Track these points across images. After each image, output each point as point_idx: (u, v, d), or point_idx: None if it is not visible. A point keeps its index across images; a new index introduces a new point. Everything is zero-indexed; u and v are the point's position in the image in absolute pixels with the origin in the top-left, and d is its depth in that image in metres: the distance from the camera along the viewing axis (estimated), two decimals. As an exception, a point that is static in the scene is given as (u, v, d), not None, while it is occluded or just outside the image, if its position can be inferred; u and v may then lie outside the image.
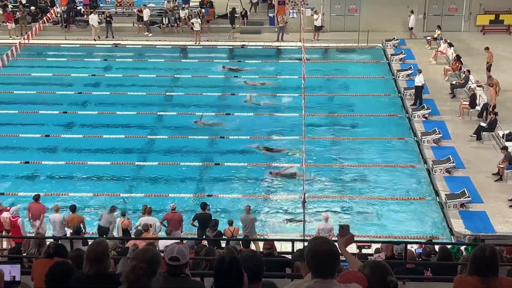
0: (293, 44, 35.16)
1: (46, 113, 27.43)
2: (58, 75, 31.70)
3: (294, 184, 22.18)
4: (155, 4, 39.56)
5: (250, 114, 27.55)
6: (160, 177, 22.92)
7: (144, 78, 31.40)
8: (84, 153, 24.34)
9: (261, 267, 5.27)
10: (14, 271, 7.51)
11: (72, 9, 38.28)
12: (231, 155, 24.37)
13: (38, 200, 18.53)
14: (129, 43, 36.08)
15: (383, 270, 5.14)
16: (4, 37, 36.17)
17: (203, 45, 35.80)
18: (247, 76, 31.53)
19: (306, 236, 17.50)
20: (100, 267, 5.47)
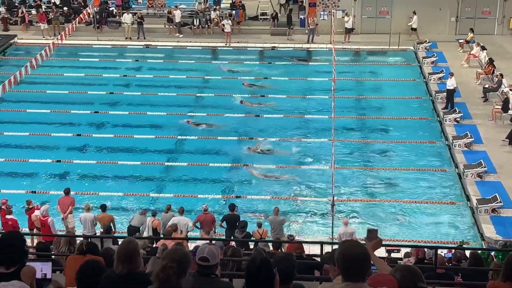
0: (324, 46, 35.04)
1: (78, 113, 27.75)
2: (90, 75, 32.04)
3: (323, 186, 22.09)
4: (186, 6, 39.74)
5: (279, 116, 27.51)
6: (189, 177, 23.02)
7: (175, 79, 31.58)
8: (114, 153, 24.56)
9: (293, 269, 5.27)
10: (45, 269, 7.55)
11: (105, 10, 38.66)
12: (260, 156, 24.36)
13: (68, 194, 18.78)
14: (160, 44, 36.30)
15: (415, 275, 5.09)
16: (38, 37, 36.67)
17: (233, 46, 35.88)
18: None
19: (334, 239, 17.45)
20: (130, 266, 5.50)
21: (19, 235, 6.46)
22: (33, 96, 29.41)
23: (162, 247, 12.96)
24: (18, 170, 23.32)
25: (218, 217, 18.91)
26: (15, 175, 23.06)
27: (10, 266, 5.99)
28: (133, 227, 18.43)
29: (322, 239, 18.04)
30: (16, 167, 23.47)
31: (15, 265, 6.02)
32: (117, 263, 5.57)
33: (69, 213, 18.58)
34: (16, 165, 23.53)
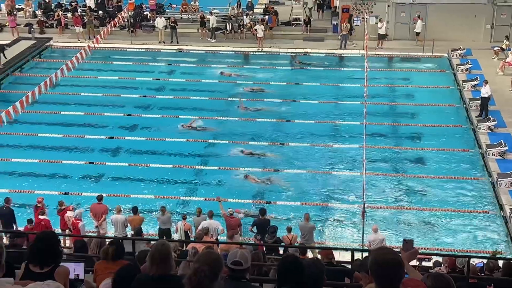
0: (356, 52, 34.92)
1: (111, 115, 28.06)
2: (124, 79, 32.36)
3: (354, 193, 22.00)
4: (219, 11, 39.93)
5: (311, 121, 27.45)
6: (220, 181, 23.10)
7: (207, 84, 31.73)
8: (146, 156, 24.76)
9: (322, 275, 5.26)
10: (78, 269, 7.64)
11: (139, 14, 39.05)
12: (291, 162, 24.35)
13: (101, 201, 18.94)
14: (193, 48, 36.52)
15: (446, 283, 5.05)
16: (73, 40, 37.19)
17: (265, 51, 35.93)
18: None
19: (365, 246, 17.34)
20: (164, 268, 5.53)
21: (53, 236, 6.55)
22: (67, 99, 29.81)
23: (193, 251, 13.02)
24: (52, 172, 23.63)
25: (248, 221, 18.94)
26: (49, 176, 23.37)
27: (44, 266, 6.07)
28: (163, 229, 18.58)
29: (352, 246, 17.98)
30: (50, 168, 23.78)
31: (49, 265, 6.11)
32: (150, 265, 5.61)
33: (103, 220, 18.75)
34: (50, 166, 23.85)
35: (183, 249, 15.39)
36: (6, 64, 32.11)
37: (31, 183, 22.76)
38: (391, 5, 36.48)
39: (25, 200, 21.11)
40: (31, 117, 27.57)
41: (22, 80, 32.44)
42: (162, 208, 18.88)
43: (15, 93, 29.78)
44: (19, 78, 32.81)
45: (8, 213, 18.45)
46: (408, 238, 6.22)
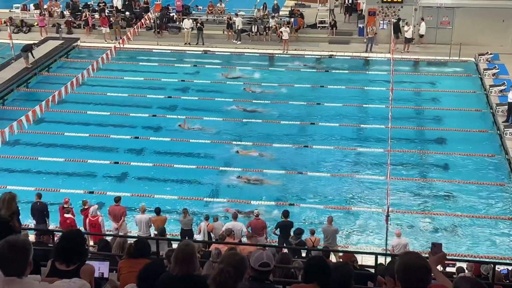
0: (382, 55, 34.76)
1: (136, 116, 28.24)
2: (149, 79, 32.55)
3: (378, 197, 21.90)
4: (245, 13, 40.00)
5: (335, 124, 27.38)
6: (243, 183, 23.12)
7: (231, 85, 31.78)
8: (170, 156, 24.88)
9: (350, 278, 5.26)
10: (102, 268, 7.70)
11: (165, 15, 39.26)
12: (315, 164, 24.30)
13: (118, 202, 18.97)
14: (218, 50, 36.63)
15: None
16: (100, 40, 37.51)
17: (291, 53, 35.91)
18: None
19: (388, 250, 17.24)
20: (188, 268, 5.55)
21: (80, 234, 6.61)
22: (93, 98, 30.06)
23: (216, 251, 13.05)
24: (77, 170, 23.85)
25: (269, 222, 18.94)
26: (74, 175, 23.59)
27: (70, 264, 6.13)
28: (185, 230, 18.64)
29: (375, 250, 17.89)
30: (75, 167, 24.01)
31: (75, 263, 6.16)
32: (174, 265, 5.63)
33: (122, 222, 18.83)
34: (76, 165, 24.08)
35: (206, 249, 15.43)
36: (34, 63, 32.47)
37: (56, 181, 22.99)
38: (418, 8, 36.24)
39: (51, 198, 21.28)
40: (58, 116, 27.88)
41: (49, 80, 32.79)
42: (184, 210, 18.94)
43: (42, 92, 30.19)
44: (47, 77, 33.17)
45: (42, 208, 18.62)
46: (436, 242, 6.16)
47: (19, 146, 25.55)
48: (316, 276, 5.42)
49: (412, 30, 35.34)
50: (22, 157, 24.47)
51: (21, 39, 35.66)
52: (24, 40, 35.31)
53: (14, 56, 32.86)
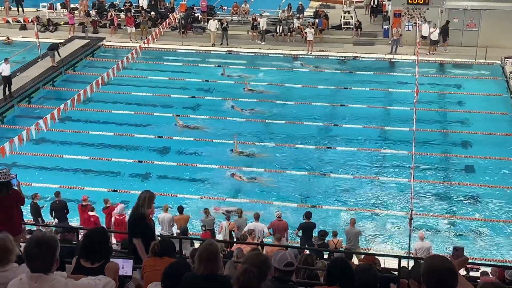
0: (407, 57, 34.55)
1: (160, 115, 28.37)
2: (173, 79, 32.69)
3: (401, 200, 21.77)
4: (270, 13, 40.00)
5: (359, 126, 27.26)
6: (268, 183, 23.12)
7: (255, 86, 31.76)
8: (194, 156, 24.96)
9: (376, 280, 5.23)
10: (126, 266, 7.73)
11: (190, 16, 39.40)
12: (338, 166, 24.23)
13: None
14: (243, 50, 36.68)
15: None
16: (125, 40, 37.77)
17: (315, 55, 35.83)
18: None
19: (411, 253, 17.15)
20: (212, 267, 5.57)
21: (104, 231, 6.66)
22: (118, 98, 30.28)
23: (237, 251, 13.06)
24: (102, 169, 24.03)
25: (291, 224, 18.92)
26: (99, 173, 23.78)
27: (95, 262, 6.18)
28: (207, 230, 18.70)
29: (398, 253, 17.80)
30: (99, 165, 24.20)
31: (100, 260, 6.21)
32: (198, 264, 5.65)
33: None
34: (100, 164, 24.27)
35: (227, 249, 15.47)
36: (60, 62, 32.78)
37: (81, 179, 23.20)
38: (444, 10, 35.96)
39: (75, 195, 21.50)
40: (83, 114, 28.11)
41: (75, 78, 33.10)
42: (206, 210, 19.00)
43: (68, 90, 30.45)
44: (72, 76, 33.48)
45: (61, 206, 18.81)
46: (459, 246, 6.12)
47: (45, 144, 25.82)
48: (339, 278, 5.42)
49: (438, 32, 35.07)
50: (47, 155, 24.73)
51: (47, 38, 36.04)
52: (50, 39, 35.70)
53: (40, 55, 33.18)
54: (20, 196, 10.96)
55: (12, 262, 5.41)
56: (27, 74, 31.68)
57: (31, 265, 4.82)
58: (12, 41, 37.58)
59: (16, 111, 29.02)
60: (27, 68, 32.52)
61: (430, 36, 35.11)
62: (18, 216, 11.01)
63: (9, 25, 39.83)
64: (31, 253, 4.81)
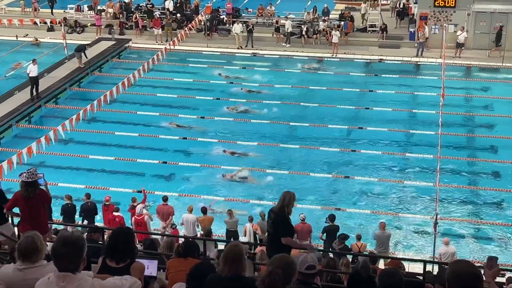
0: (433, 60, 34.30)
1: (185, 117, 28.49)
2: (198, 81, 32.81)
3: (426, 204, 21.63)
4: (295, 16, 39.98)
5: (384, 129, 27.11)
6: (290, 186, 23.09)
7: (279, 88, 31.78)
8: (220, 158, 25.00)
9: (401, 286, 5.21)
10: (151, 266, 7.79)
11: (215, 18, 39.52)
12: (363, 169, 24.13)
13: (166, 202, 19.20)
14: (267, 52, 36.68)
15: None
16: (151, 42, 38.00)
17: (340, 57, 35.73)
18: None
19: (435, 258, 17.02)
20: (237, 269, 5.59)
21: (129, 232, 6.72)
22: (144, 99, 30.49)
23: (260, 254, 13.07)
24: (127, 169, 24.22)
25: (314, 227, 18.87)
26: (124, 173, 23.96)
27: (121, 262, 6.23)
28: (231, 231, 18.73)
29: (422, 257, 17.66)
30: (125, 166, 24.39)
31: (125, 261, 6.25)
32: (223, 266, 5.67)
33: (170, 221, 19.02)
34: (125, 164, 24.46)
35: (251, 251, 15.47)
36: (87, 63, 33.09)
37: (106, 179, 23.39)
38: (471, 13, 35.63)
39: (100, 196, 21.66)
40: (109, 115, 28.36)
41: (101, 80, 33.38)
42: (230, 212, 19.03)
43: (94, 92, 30.74)
44: (99, 77, 33.78)
45: (92, 208, 18.98)
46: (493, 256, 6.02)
47: (71, 144, 26.08)
48: None
49: (465, 35, 34.76)
50: (73, 155, 24.98)
51: (74, 39, 36.40)
52: (77, 40, 36.04)
53: (67, 56, 33.53)
54: (47, 195, 11.07)
55: (41, 259, 5.49)
56: (54, 75, 32.05)
57: (59, 264, 4.88)
58: (40, 42, 38.04)
59: (43, 112, 29.35)
60: (54, 69, 32.88)
61: (457, 39, 34.77)
62: (45, 215, 11.14)
63: (37, 26, 40.31)
64: (59, 252, 4.86)
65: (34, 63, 28.68)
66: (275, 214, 9.76)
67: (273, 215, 9.79)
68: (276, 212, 9.77)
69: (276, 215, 9.76)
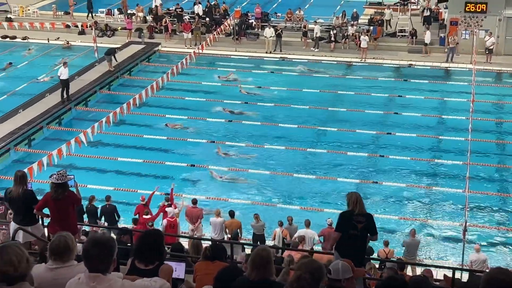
0: (463, 66, 33.97)
1: (213, 121, 28.59)
2: (226, 85, 32.87)
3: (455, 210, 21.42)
4: (324, 20, 39.91)
5: (412, 135, 26.90)
6: (316, 190, 23.06)
7: (308, 93, 31.71)
8: (245, 162, 25.03)
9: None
10: (179, 269, 7.83)
11: (244, 22, 39.61)
12: (390, 174, 23.97)
13: (195, 205, 19.27)
14: (296, 57, 36.64)
15: None
16: (180, 46, 38.21)
17: (369, 62, 35.56)
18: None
19: (465, 265, 16.83)
20: (265, 273, 5.59)
21: (159, 234, 6.75)
22: (172, 102, 30.65)
23: (288, 258, 13.05)
24: (155, 172, 24.36)
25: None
26: (152, 176, 24.09)
27: (149, 264, 6.27)
28: (258, 235, 18.72)
29: (451, 264, 17.48)
30: (153, 169, 24.54)
31: (154, 263, 6.30)
32: (250, 269, 5.67)
33: (198, 224, 19.10)
34: (153, 167, 24.61)
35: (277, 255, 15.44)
36: (117, 66, 33.39)
37: (134, 182, 23.55)
38: (502, 19, 35.21)
39: (128, 198, 21.89)
40: (137, 118, 28.57)
41: (131, 83, 33.65)
42: (256, 216, 19.01)
43: (123, 95, 31.02)
44: (128, 80, 34.05)
45: (111, 210, 19.15)
46: None
47: (100, 147, 26.33)
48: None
49: (492, 41, 34.37)
50: (102, 157, 25.20)
51: (105, 43, 36.77)
52: (107, 44, 36.40)
53: (98, 59, 33.88)
54: (76, 197, 11.18)
55: (72, 259, 5.56)
56: (85, 78, 32.39)
57: (89, 265, 4.93)
58: (71, 45, 38.50)
59: (73, 114, 29.67)
60: (84, 72, 33.23)
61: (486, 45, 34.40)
62: (74, 217, 11.25)
63: (69, 30, 40.79)
64: (90, 253, 4.91)
65: (65, 66, 28.99)
66: (366, 216, 9.75)
67: (364, 217, 9.74)
68: (366, 214, 9.82)
69: (367, 216, 9.77)
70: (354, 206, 9.75)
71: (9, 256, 4.54)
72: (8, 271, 4.52)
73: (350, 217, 9.76)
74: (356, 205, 9.74)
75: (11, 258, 4.54)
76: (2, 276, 4.52)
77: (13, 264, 4.54)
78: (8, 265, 4.54)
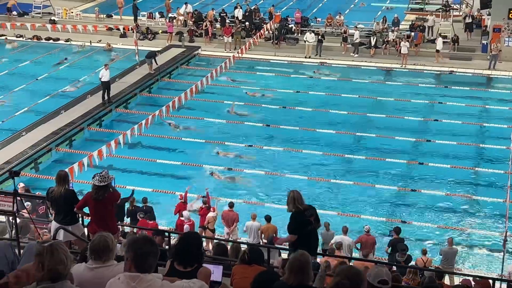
0: (506, 73, 33.42)
1: (251, 125, 28.61)
2: (265, 89, 32.90)
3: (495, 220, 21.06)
4: (364, 25, 39.69)
5: (453, 142, 26.54)
6: (354, 197, 22.92)
7: (347, 98, 31.55)
8: (281, 167, 24.98)
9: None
10: (216, 272, 7.86)
11: (284, 27, 39.62)
12: (430, 182, 23.69)
13: (232, 208, 19.35)
14: (335, 62, 36.49)
15: None
16: (220, 49, 38.39)
17: (409, 68, 35.22)
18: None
19: (504, 276, 16.53)
20: (303, 278, 5.58)
21: (197, 236, 6.80)
22: (211, 106, 30.79)
23: (325, 264, 13.00)
24: (191, 174, 24.49)
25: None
26: (188, 178, 24.21)
27: (188, 266, 6.31)
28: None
29: (490, 275, 17.20)
30: (189, 170, 24.69)
31: (192, 265, 6.34)
32: (289, 274, 5.67)
33: (234, 227, 19.17)
34: (190, 169, 24.76)
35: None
36: (157, 69, 33.70)
37: (172, 184, 23.72)
38: (547, 25, 34.60)
39: (166, 200, 22.05)
40: (176, 121, 28.77)
41: (170, 86, 33.90)
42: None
43: (163, 97, 31.29)
44: (168, 83, 34.32)
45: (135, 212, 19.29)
46: None
47: (139, 148, 26.62)
48: None
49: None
50: (141, 159, 25.45)
51: (146, 46, 37.14)
52: (148, 47, 36.76)
53: (139, 62, 34.25)
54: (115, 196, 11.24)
55: (112, 259, 5.63)
56: (126, 80, 32.78)
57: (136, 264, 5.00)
58: (112, 48, 39.00)
59: (113, 116, 30.03)
60: (125, 74, 33.63)
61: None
62: (113, 217, 11.37)
63: (110, 32, 41.33)
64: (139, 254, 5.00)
65: (106, 68, 29.38)
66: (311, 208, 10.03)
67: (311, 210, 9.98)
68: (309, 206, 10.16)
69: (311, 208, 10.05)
70: (299, 204, 9.94)
71: (59, 254, 4.68)
72: (59, 269, 4.67)
73: (302, 217, 9.83)
74: (300, 202, 9.97)
75: (61, 256, 4.68)
76: (53, 274, 4.66)
77: (63, 262, 4.69)
78: (59, 263, 4.69)
